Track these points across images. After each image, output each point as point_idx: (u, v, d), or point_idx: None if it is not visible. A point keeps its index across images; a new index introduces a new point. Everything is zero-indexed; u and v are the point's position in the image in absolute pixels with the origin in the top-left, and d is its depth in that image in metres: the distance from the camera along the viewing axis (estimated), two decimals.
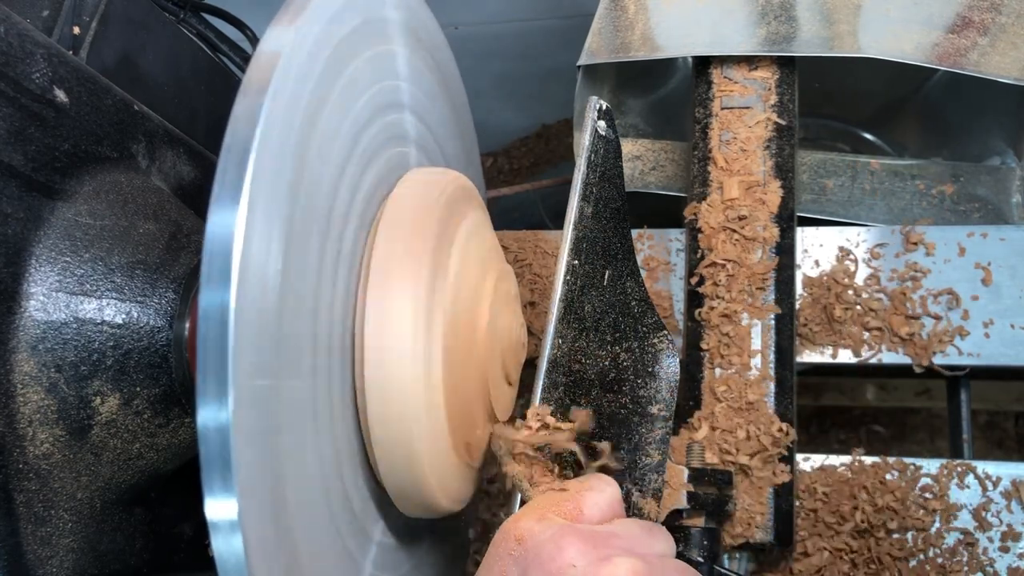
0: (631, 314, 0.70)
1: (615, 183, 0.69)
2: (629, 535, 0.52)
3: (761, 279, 0.79)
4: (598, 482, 0.55)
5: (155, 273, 0.60)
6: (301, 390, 0.49)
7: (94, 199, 0.59)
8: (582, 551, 0.49)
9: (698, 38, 0.87)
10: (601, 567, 0.48)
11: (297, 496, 0.49)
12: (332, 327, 0.53)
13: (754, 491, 0.75)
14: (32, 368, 0.54)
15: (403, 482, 0.57)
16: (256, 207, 0.44)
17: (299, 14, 0.49)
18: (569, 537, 0.50)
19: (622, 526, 0.53)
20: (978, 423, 1.64)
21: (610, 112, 0.69)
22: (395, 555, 0.63)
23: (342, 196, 0.54)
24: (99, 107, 0.62)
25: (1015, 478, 0.79)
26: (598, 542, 0.50)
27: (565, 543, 0.49)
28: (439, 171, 0.65)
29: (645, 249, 0.92)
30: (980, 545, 0.78)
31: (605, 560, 0.49)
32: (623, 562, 0.49)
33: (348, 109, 0.55)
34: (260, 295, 0.45)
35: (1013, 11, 0.84)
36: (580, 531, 0.51)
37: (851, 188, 1.00)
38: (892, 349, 0.84)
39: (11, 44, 0.54)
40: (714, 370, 0.78)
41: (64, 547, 0.55)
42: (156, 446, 0.61)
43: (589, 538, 0.50)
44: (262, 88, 0.45)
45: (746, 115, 0.85)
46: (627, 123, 1.11)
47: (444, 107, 0.73)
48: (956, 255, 0.85)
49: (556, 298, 0.63)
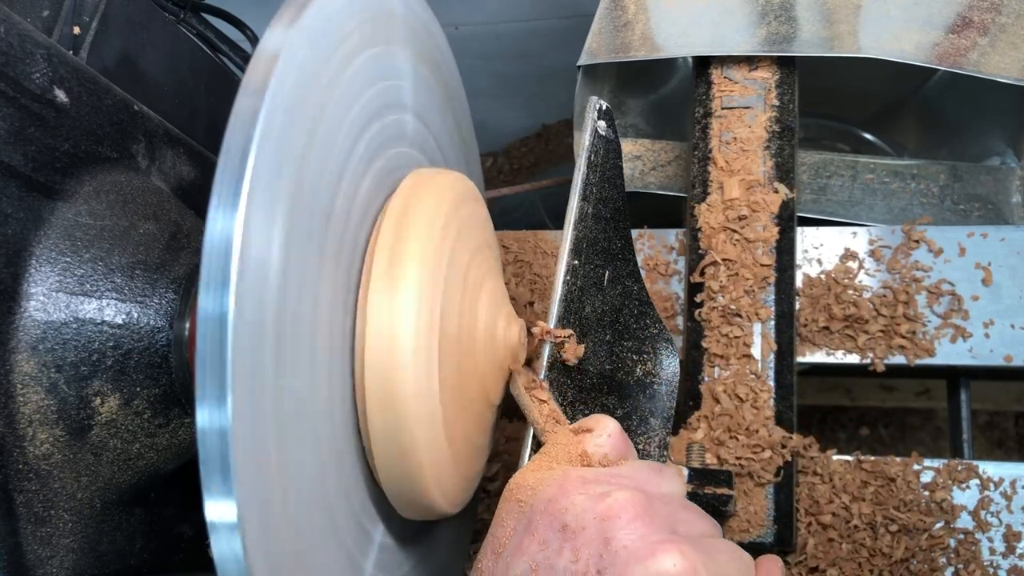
0: (631, 314, 0.70)
1: (615, 183, 0.69)
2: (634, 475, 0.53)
3: (761, 279, 0.79)
4: (597, 423, 0.56)
5: (155, 273, 0.60)
6: (301, 390, 0.49)
7: (94, 199, 0.59)
8: (583, 490, 0.50)
9: (698, 38, 0.87)
10: (601, 501, 0.49)
11: (297, 496, 0.49)
12: (332, 327, 0.53)
13: (754, 491, 0.75)
14: (32, 368, 0.54)
15: (401, 483, 0.57)
16: (256, 207, 0.44)
17: (299, 14, 0.49)
18: (572, 479, 0.51)
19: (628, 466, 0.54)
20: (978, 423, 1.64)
21: (610, 112, 0.69)
22: (395, 555, 0.63)
23: (342, 196, 0.54)
24: (99, 107, 0.62)
25: (1015, 478, 0.79)
26: (600, 481, 0.51)
27: (567, 485, 0.51)
28: (439, 171, 0.65)
29: (645, 249, 0.92)
30: (980, 545, 0.78)
31: (605, 495, 0.50)
32: (622, 494, 0.49)
33: (348, 109, 0.55)
34: (260, 295, 0.45)
35: (1013, 11, 0.84)
36: (583, 473, 0.52)
37: (851, 188, 1.00)
38: (892, 349, 0.84)
39: (11, 44, 0.54)
40: (714, 370, 0.78)
41: (64, 547, 0.55)
42: (156, 446, 0.61)
43: (592, 478, 0.51)
44: (262, 88, 0.45)
45: (746, 115, 0.85)
46: (627, 123, 1.11)
47: (444, 107, 0.73)
48: (956, 255, 0.85)
49: (556, 298, 0.63)
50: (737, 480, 0.74)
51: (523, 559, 0.50)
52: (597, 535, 0.48)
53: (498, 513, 0.54)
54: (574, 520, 0.49)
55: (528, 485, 0.53)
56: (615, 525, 0.48)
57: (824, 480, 0.81)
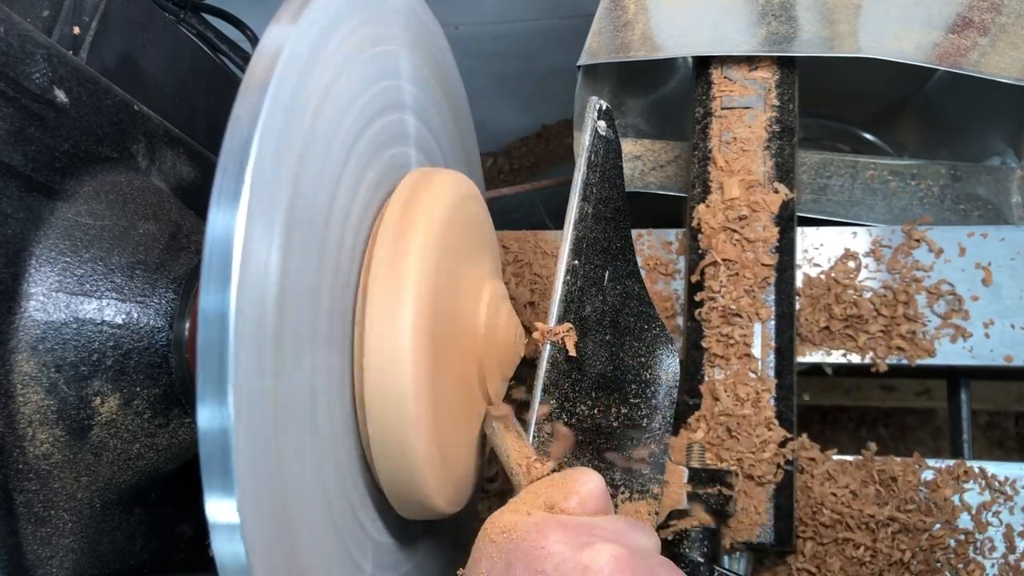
0: (631, 314, 0.70)
1: (615, 183, 0.69)
2: (613, 528, 0.53)
3: (761, 279, 0.79)
4: (581, 475, 0.56)
5: (155, 273, 0.60)
6: (301, 390, 0.49)
7: (94, 199, 0.59)
8: (564, 539, 0.50)
9: (698, 38, 0.87)
10: (582, 552, 0.49)
11: (297, 496, 0.49)
12: (332, 327, 0.53)
13: (754, 491, 0.75)
14: (32, 368, 0.54)
15: (400, 483, 0.57)
16: (256, 207, 0.44)
17: (299, 14, 0.49)
18: (552, 526, 0.50)
19: (606, 520, 0.53)
20: (978, 423, 1.63)
21: (610, 112, 0.69)
22: (395, 555, 0.63)
23: (342, 196, 0.54)
24: (99, 107, 0.62)
25: (1015, 478, 0.79)
26: (581, 531, 0.51)
27: (548, 531, 0.50)
28: (439, 171, 0.65)
29: (645, 249, 0.92)
30: (980, 545, 0.78)
31: (587, 545, 0.49)
32: (605, 547, 0.49)
33: (348, 109, 0.55)
34: (260, 295, 0.45)
35: (1013, 11, 0.84)
36: (563, 521, 0.51)
37: (851, 188, 1.00)
38: (892, 349, 0.84)
39: (11, 44, 0.54)
40: (714, 370, 0.78)
41: (64, 547, 0.55)
42: (156, 446, 0.61)
43: (572, 528, 0.51)
44: (262, 88, 0.45)
45: (746, 115, 0.85)
46: (627, 123, 1.11)
47: (444, 107, 0.73)
48: (956, 255, 0.85)
49: (556, 298, 0.63)
50: (737, 480, 0.74)
51: None
52: None
53: (473, 553, 0.53)
54: (554, 568, 0.48)
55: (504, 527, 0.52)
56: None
57: (824, 480, 0.81)
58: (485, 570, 0.51)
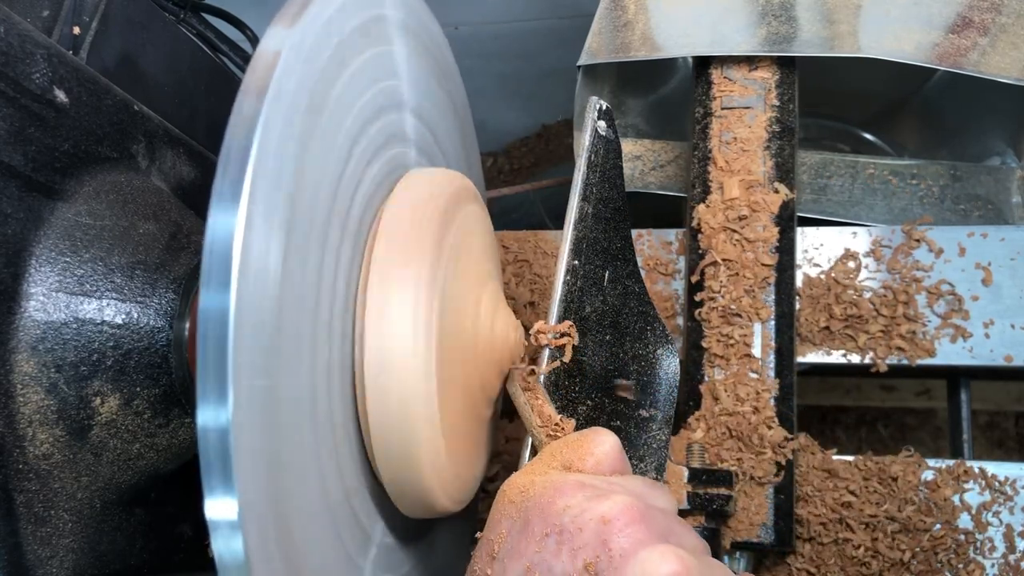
0: (631, 314, 0.70)
1: (615, 183, 0.69)
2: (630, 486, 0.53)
3: (761, 279, 0.79)
4: (598, 435, 0.56)
5: (155, 273, 0.60)
6: (301, 390, 0.49)
7: (94, 199, 0.59)
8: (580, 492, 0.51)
9: (698, 38, 0.87)
10: (599, 502, 0.49)
11: (297, 496, 0.49)
12: (332, 327, 0.53)
13: (754, 491, 0.75)
14: (32, 368, 0.54)
15: (403, 482, 0.57)
16: (256, 207, 0.44)
17: (299, 14, 0.49)
18: (569, 483, 0.51)
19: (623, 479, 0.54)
20: (978, 423, 1.64)
21: (610, 112, 0.69)
22: (395, 555, 0.63)
23: (342, 197, 0.54)
24: (99, 107, 0.62)
25: (1015, 478, 0.79)
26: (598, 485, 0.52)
27: (565, 487, 0.51)
28: (439, 171, 0.65)
29: (645, 249, 0.92)
30: (980, 545, 0.78)
31: (603, 496, 0.50)
32: (621, 498, 0.49)
33: (348, 109, 0.55)
34: (260, 295, 0.45)
35: (1013, 11, 0.84)
36: (580, 477, 0.52)
37: (851, 188, 1.00)
38: (892, 349, 0.84)
39: (11, 44, 0.54)
40: (714, 370, 0.78)
41: (64, 547, 0.55)
42: (156, 446, 0.61)
43: (588, 484, 0.52)
44: (262, 88, 0.45)
45: (746, 115, 0.85)
46: (627, 123, 1.11)
47: (444, 107, 0.73)
48: (956, 255, 0.85)
49: (556, 298, 0.63)
50: (737, 480, 0.74)
51: (520, 560, 0.50)
52: (595, 537, 0.48)
53: (492, 515, 0.54)
54: (571, 522, 0.49)
55: (522, 487, 0.53)
56: (613, 527, 0.48)
57: (824, 480, 0.81)
58: (505, 530, 0.52)
